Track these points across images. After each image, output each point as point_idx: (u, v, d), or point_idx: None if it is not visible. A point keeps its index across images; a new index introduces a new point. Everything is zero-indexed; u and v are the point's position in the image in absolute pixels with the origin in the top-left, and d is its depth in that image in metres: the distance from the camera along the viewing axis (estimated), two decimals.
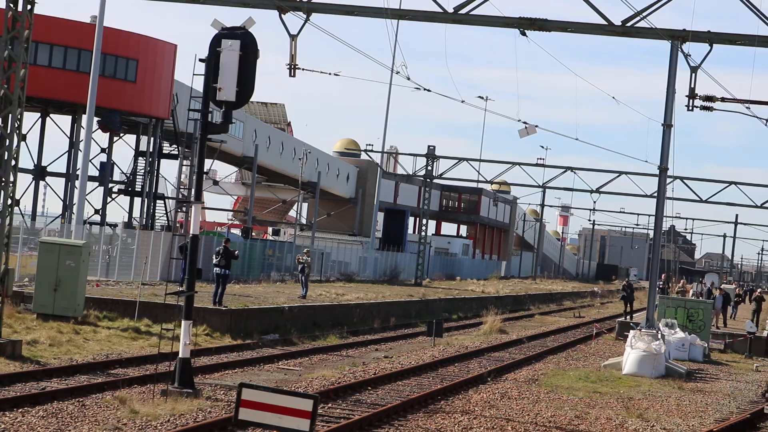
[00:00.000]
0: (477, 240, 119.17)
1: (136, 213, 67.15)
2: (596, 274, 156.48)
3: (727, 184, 59.56)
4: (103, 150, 66.38)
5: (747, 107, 22.80)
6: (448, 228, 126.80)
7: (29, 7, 22.17)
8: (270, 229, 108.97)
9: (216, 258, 30.77)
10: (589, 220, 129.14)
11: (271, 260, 64.85)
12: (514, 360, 29.79)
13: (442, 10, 20.84)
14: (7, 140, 22.33)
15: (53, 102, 61.58)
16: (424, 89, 34.99)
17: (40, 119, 65.11)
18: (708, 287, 52.37)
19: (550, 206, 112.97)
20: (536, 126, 35.54)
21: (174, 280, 42.93)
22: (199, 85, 19.38)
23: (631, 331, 32.03)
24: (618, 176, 59.37)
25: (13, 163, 22.47)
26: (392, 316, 40.02)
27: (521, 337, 37.83)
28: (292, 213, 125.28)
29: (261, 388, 9.93)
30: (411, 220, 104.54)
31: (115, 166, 68.27)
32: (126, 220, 67.87)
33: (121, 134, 67.73)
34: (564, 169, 60.06)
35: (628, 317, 45.45)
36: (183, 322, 18.93)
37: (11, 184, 22.54)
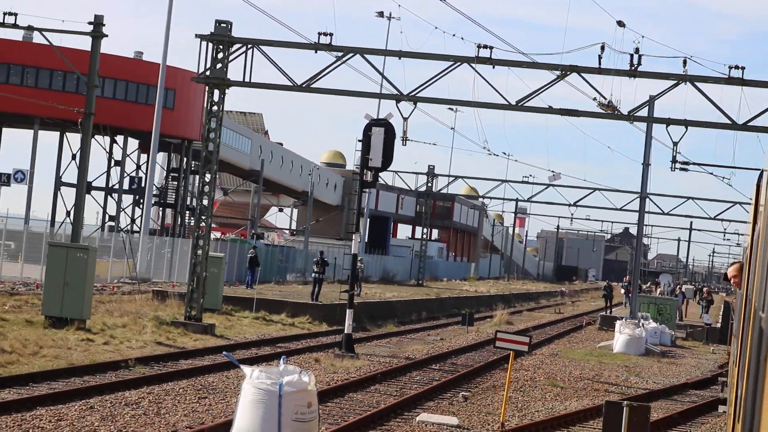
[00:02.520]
0: (450, 243, 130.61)
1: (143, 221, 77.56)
2: (557, 275, 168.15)
3: (685, 199, 71.10)
4: (138, 167, 76.88)
5: (710, 173, 34.19)
6: (420, 232, 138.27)
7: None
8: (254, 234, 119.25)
9: (316, 266, 41.58)
10: (558, 228, 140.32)
11: (284, 264, 75.68)
12: (534, 342, 40.79)
13: (506, 102, 31.66)
14: (205, 198, 32.83)
15: (96, 125, 71.77)
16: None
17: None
18: (672, 287, 64.08)
19: (515, 212, 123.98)
20: (560, 173, 46.74)
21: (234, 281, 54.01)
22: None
23: (618, 321, 43.20)
24: (592, 192, 70.73)
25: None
26: (423, 310, 51.02)
27: (527, 327, 48.88)
28: (268, 218, 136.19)
29: (506, 332, 20.80)
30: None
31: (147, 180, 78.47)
32: (158, 228, 78.47)
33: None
34: (545, 186, 71.45)
35: (608, 311, 56.83)
36: (348, 310, 29.64)
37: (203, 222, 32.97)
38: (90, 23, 32.64)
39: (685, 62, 30.72)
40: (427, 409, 21.58)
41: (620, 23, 33.25)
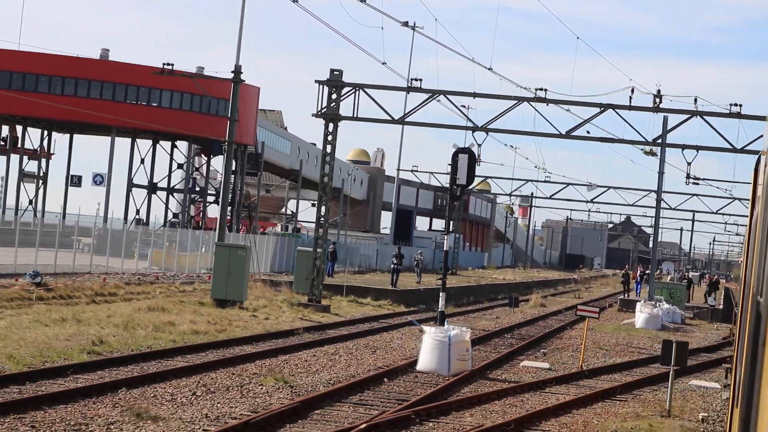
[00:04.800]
0: (465, 234, 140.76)
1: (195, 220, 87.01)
2: (565, 263, 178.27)
3: (690, 196, 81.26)
4: (197, 169, 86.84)
5: (717, 187, 44.21)
6: (436, 224, 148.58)
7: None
8: (279, 226, 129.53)
9: (395, 258, 51.65)
10: (568, 218, 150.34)
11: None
12: (572, 320, 50.86)
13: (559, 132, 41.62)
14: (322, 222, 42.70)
15: (161, 133, 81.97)
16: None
17: (151, 146, 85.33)
18: (681, 274, 74.33)
19: (530, 205, 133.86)
20: (596, 184, 56.77)
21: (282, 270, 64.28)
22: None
23: (639, 303, 53.25)
24: (607, 190, 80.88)
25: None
26: (471, 295, 61.14)
27: (560, 309, 58.93)
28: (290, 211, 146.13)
29: (583, 306, 30.92)
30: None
31: (202, 181, 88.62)
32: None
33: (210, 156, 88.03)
34: (565, 185, 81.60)
35: (626, 295, 66.97)
36: (441, 293, 39.58)
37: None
38: (232, 72, 42.58)
39: (695, 100, 40.79)
40: (522, 359, 31.64)
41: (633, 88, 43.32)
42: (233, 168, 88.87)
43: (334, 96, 42.39)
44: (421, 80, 41.52)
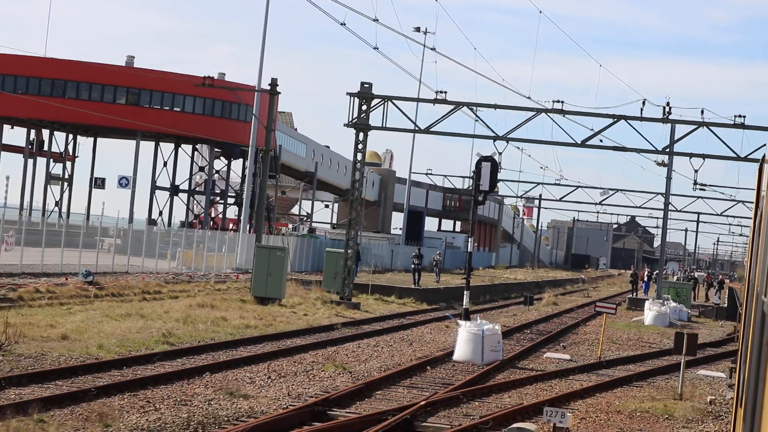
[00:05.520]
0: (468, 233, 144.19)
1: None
2: (571, 263, 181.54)
3: (695, 199, 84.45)
4: (217, 172, 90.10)
5: (721, 193, 47.58)
6: (445, 225, 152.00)
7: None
8: (290, 226, 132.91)
9: (416, 259, 54.89)
10: (575, 219, 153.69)
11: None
12: (585, 317, 54.08)
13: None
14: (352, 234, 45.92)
15: (183, 137, 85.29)
16: None
17: (173, 150, 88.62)
18: (687, 274, 77.65)
19: (538, 207, 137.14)
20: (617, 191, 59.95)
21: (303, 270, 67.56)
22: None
23: (648, 301, 56.46)
24: (615, 192, 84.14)
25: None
26: (486, 294, 64.40)
27: (572, 307, 62.14)
28: (295, 210, 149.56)
29: (602, 302, 34.03)
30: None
31: (222, 183, 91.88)
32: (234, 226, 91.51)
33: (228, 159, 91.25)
34: (575, 187, 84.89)
35: (635, 294, 70.21)
36: (465, 291, 42.79)
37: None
38: (269, 84, 45.84)
39: (702, 111, 44.05)
40: (545, 351, 34.89)
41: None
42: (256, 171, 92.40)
43: (364, 107, 45.60)
44: (446, 92, 44.75)
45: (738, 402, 9.54)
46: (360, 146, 46.03)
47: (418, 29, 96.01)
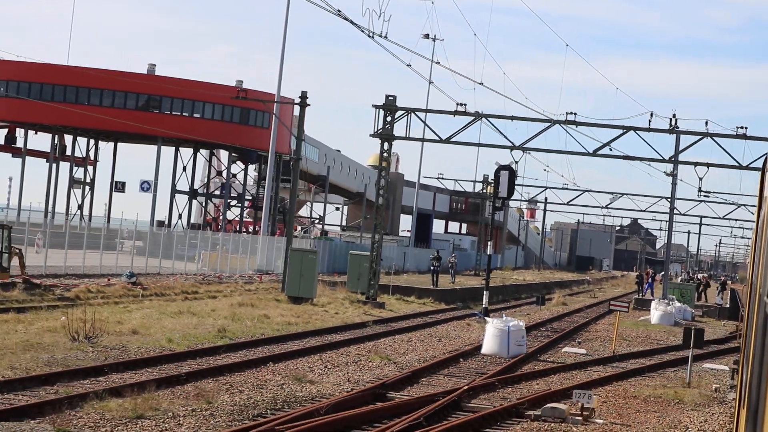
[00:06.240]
0: (479, 236, 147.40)
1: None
2: (576, 264, 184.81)
3: (698, 202, 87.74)
4: (234, 176, 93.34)
5: (724, 199, 50.87)
6: (452, 227, 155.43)
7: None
8: (299, 228, 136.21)
9: (435, 261, 58.19)
10: (582, 222, 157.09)
11: None
12: (594, 316, 57.34)
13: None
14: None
15: (201, 142, 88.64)
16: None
17: (192, 155, 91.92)
18: (690, 276, 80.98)
19: (544, 210, 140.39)
20: (620, 195, 63.35)
21: (326, 271, 70.81)
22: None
23: (654, 301, 59.76)
24: (621, 196, 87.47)
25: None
26: (499, 294, 67.66)
27: (581, 307, 65.41)
28: (303, 212, 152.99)
29: (616, 301, 37.26)
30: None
31: (238, 186, 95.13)
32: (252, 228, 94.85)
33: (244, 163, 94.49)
34: (582, 191, 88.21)
35: (640, 294, 73.50)
36: (485, 291, 46.05)
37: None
38: (299, 97, 49.10)
39: (706, 123, 47.35)
40: (563, 347, 38.17)
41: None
42: (268, 175, 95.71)
43: (388, 119, 48.86)
44: (465, 105, 48.03)
45: (740, 403, 9.46)
46: (385, 155, 49.27)
47: (427, 36, 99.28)
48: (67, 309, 34.13)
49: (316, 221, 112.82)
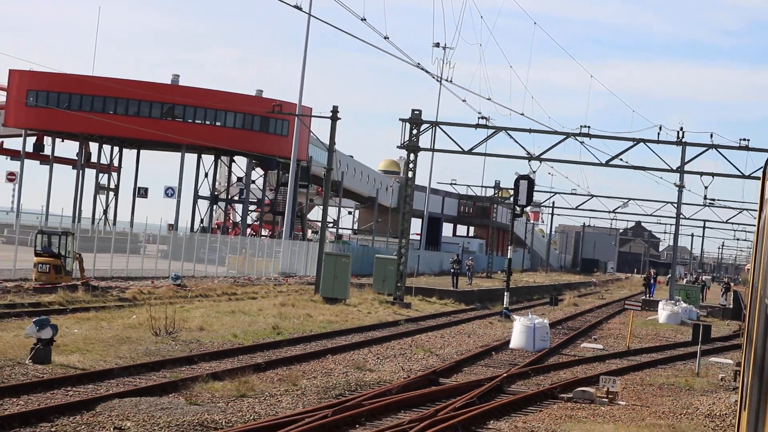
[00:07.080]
0: (488, 239, 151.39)
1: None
2: (581, 267, 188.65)
3: (702, 206, 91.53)
4: (253, 182, 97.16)
5: (728, 206, 54.91)
6: (460, 230, 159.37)
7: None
8: (309, 231, 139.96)
9: (455, 264, 62.04)
10: (584, 225, 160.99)
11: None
12: (605, 316, 61.12)
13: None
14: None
15: (222, 149, 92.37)
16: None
17: (213, 162, 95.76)
18: (695, 277, 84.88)
19: (551, 215, 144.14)
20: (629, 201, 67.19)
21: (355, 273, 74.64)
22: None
23: (661, 302, 63.63)
24: (629, 201, 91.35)
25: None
26: (513, 296, 71.46)
27: (592, 307, 69.22)
28: (312, 216, 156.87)
29: (629, 301, 41.08)
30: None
31: (256, 192, 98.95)
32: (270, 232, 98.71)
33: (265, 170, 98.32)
34: (590, 197, 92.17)
35: (648, 296, 77.37)
36: (506, 292, 49.81)
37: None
38: (330, 111, 52.96)
39: (711, 135, 51.24)
40: (581, 342, 42.01)
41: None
42: (282, 181, 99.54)
43: (414, 131, 52.68)
44: (487, 118, 51.92)
45: (742, 405, 9.47)
46: (411, 165, 53.07)
47: (437, 44, 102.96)
48: (133, 308, 38.04)
49: (330, 225, 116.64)
